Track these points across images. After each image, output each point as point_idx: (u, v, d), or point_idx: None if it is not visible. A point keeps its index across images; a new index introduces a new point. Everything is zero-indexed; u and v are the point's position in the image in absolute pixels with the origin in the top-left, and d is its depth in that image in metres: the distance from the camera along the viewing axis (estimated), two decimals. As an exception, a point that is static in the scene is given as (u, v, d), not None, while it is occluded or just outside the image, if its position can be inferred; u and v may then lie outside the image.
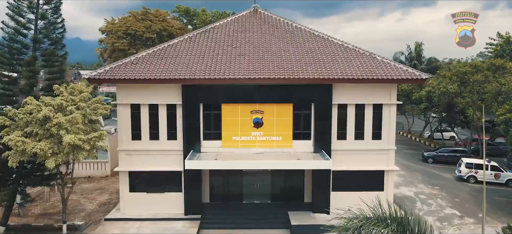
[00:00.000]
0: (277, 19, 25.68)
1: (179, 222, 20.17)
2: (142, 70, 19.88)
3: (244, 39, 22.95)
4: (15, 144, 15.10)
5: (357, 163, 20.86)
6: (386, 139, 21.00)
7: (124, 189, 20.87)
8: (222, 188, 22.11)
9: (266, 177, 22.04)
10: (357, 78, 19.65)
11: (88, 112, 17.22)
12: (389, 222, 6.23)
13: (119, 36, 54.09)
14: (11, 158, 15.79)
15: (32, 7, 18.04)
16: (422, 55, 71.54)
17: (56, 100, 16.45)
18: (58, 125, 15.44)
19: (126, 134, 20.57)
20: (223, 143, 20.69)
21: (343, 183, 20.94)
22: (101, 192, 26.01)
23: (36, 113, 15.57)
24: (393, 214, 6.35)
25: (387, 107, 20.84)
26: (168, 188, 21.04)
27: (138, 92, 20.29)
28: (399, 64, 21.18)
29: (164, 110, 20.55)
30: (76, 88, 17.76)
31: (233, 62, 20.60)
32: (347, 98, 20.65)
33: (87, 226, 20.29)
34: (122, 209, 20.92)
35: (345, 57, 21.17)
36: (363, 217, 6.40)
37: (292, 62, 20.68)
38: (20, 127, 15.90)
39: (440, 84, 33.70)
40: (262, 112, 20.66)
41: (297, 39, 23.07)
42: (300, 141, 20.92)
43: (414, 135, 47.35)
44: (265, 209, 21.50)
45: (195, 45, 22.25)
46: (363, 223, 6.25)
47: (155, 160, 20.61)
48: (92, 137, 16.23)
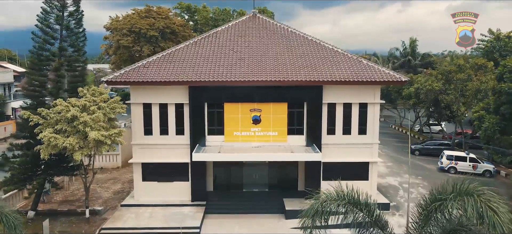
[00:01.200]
0: (274, 24, 28.10)
1: (187, 207, 22.80)
2: (153, 73, 22.35)
3: (244, 43, 25.37)
4: (48, 139, 17.63)
5: (344, 155, 23.42)
6: (370, 134, 23.55)
7: (137, 178, 23.47)
8: (224, 178, 24.73)
9: (263, 168, 24.64)
10: (345, 80, 22.15)
11: (107, 112, 19.72)
12: (345, 200, 8.68)
13: (124, 34, 56.01)
14: (43, 151, 18.34)
15: (58, 19, 20.46)
16: (416, 50, 73.61)
17: (81, 101, 18.96)
18: (84, 123, 17.97)
19: (139, 129, 23.10)
20: (225, 137, 23.24)
21: (332, 173, 23.27)
22: (114, 182, 28.61)
23: (65, 113, 18.08)
24: (351, 196, 8.81)
25: (372, 106, 23.37)
26: (177, 177, 23.61)
27: (150, 93, 22.77)
28: (382, 68, 23.62)
29: (173, 109, 23.06)
30: (97, 90, 20.25)
31: (234, 65, 23.07)
32: (336, 97, 23.15)
33: (106, 211, 22.93)
34: (136, 196, 23.54)
35: (334, 61, 23.64)
36: (326, 196, 8.88)
37: (287, 66, 23.15)
38: (51, 125, 18.41)
39: (427, 82, 36.16)
40: (260, 110, 23.18)
41: (292, 43, 25.51)
42: (294, 135, 23.47)
43: (405, 129, 49.94)
44: (263, 197, 24.14)
45: (200, 49, 24.69)
46: (326, 200, 8.73)
47: (164, 152, 23.16)
48: (112, 133, 18.79)
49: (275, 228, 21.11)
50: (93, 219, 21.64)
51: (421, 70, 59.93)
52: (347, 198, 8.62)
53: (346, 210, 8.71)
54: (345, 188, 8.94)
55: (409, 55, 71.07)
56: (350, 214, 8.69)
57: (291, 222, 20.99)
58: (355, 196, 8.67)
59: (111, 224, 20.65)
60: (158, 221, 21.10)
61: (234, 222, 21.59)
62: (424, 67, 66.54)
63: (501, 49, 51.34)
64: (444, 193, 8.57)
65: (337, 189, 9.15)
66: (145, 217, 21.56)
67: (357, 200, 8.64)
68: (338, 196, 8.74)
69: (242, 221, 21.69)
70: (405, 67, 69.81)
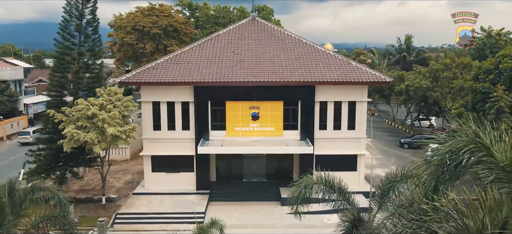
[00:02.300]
0: (271, 27, 30.39)
1: (192, 195, 25.27)
2: (161, 74, 24.69)
3: (244, 46, 27.66)
4: (71, 134, 20.03)
5: (335, 148, 25.81)
6: (358, 129, 25.94)
7: (147, 169, 25.91)
8: (226, 169, 27.19)
9: (262, 160, 27.06)
10: (335, 81, 24.51)
11: (122, 110, 22.10)
12: (323, 182, 11.02)
13: (128, 32, 58.03)
14: (66, 145, 20.75)
15: (78, 27, 22.75)
16: (411, 47, 75.74)
17: (99, 101, 21.34)
18: (102, 120, 20.36)
19: (148, 125, 25.48)
20: (227, 132, 25.64)
21: (324, 164, 25.60)
22: (124, 173, 31.08)
23: (85, 111, 20.46)
24: (328, 180, 11.17)
25: (360, 104, 25.73)
26: (183, 168, 26.04)
27: (158, 92, 25.10)
28: (369, 69, 25.96)
29: (179, 106, 25.42)
30: (112, 90, 22.62)
31: (235, 67, 25.41)
32: (327, 96, 25.50)
33: (119, 199, 25.42)
34: (146, 185, 26.00)
35: (326, 63, 25.96)
36: (307, 180, 11.22)
37: (283, 67, 25.49)
38: (73, 122, 20.79)
39: (415, 80, 38.50)
40: (258, 108, 25.55)
41: (287, 46, 27.80)
42: (289, 130, 25.88)
43: (397, 123, 52.34)
44: (261, 186, 26.61)
45: (204, 52, 26.99)
46: (307, 183, 11.08)
47: (172, 146, 25.55)
48: (127, 128, 21.19)
49: (272, 214, 23.58)
50: (108, 205, 24.11)
51: (416, 66, 62.16)
52: (323, 182, 11.00)
53: (323, 191, 11.10)
54: (323, 175, 11.32)
55: (404, 52, 73.20)
56: (326, 194, 11.08)
57: (286, 208, 23.20)
58: (330, 181, 11.05)
59: (125, 209, 23.14)
60: (166, 207, 23.59)
61: (235, 208, 24.04)
62: (419, 63, 68.75)
63: (492, 46, 53.58)
64: (395, 176, 10.97)
65: (317, 176, 11.55)
66: (155, 204, 24.05)
67: (331, 183, 11.01)
68: (317, 181, 11.13)
69: (242, 207, 24.15)
70: (400, 63, 72.11)
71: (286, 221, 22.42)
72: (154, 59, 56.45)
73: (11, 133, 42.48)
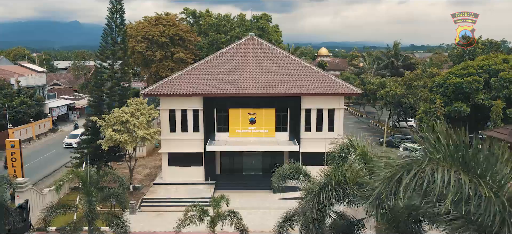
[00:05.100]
0: (266, 45, 36.26)
1: (201, 185, 31.14)
2: (176, 87, 30.57)
3: (243, 63, 33.51)
4: (110, 136, 25.90)
5: (317, 147, 31.50)
6: (336, 130, 31.78)
7: (165, 164, 31.79)
8: (229, 163, 33.07)
9: (258, 157, 32.93)
10: (317, 92, 30.41)
11: (147, 117, 27.99)
12: (298, 170, 16.81)
13: (138, 40, 63.66)
14: (104, 144, 26.63)
15: (111, 53, 28.65)
16: (399, 53, 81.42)
17: (129, 109, 27.22)
18: (133, 125, 26.25)
19: (166, 128, 31.34)
20: (229, 134, 31.52)
21: (308, 160, 31.73)
22: (143, 167, 36.96)
23: (120, 118, 26.33)
24: (301, 168, 16.92)
25: (338, 110, 31.58)
26: (193, 163, 31.86)
27: (174, 101, 30.94)
28: (344, 83, 31.86)
29: (191, 113, 31.28)
30: (139, 101, 28.50)
31: (236, 81, 31.29)
32: (311, 104, 31.34)
33: (142, 187, 31.34)
34: (164, 177, 31.90)
35: (310, 77, 31.83)
36: (284, 166, 16.99)
37: (275, 81, 31.38)
38: (110, 126, 26.66)
39: (392, 87, 44.38)
40: (255, 114, 31.44)
41: (279, 62, 33.65)
42: (280, 132, 31.78)
43: (381, 124, 58.23)
44: (257, 178, 32.46)
45: (210, 67, 32.82)
46: (284, 168, 16.87)
47: (185, 145, 31.40)
48: (153, 132, 27.09)
49: (266, 199, 29.46)
50: (135, 193, 30.00)
51: (403, 71, 67.85)
52: (294, 168, 16.80)
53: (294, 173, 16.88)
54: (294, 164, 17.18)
55: (392, 57, 78.90)
56: (296, 175, 16.84)
57: (277, 195, 29.19)
58: (298, 167, 16.85)
59: (149, 195, 29.08)
60: (181, 193, 29.50)
61: (237, 195, 29.74)
62: (406, 68, 74.54)
63: (470, 53, 59.38)
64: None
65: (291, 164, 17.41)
66: (172, 191, 29.97)
67: (298, 168, 16.82)
68: (290, 168, 16.94)
69: (243, 194, 29.96)
70: (389, 67, 77.92)
71: (276, 205, 28.28)
72: (162, 65, 62.54)
73: (39, 133, 48.43)
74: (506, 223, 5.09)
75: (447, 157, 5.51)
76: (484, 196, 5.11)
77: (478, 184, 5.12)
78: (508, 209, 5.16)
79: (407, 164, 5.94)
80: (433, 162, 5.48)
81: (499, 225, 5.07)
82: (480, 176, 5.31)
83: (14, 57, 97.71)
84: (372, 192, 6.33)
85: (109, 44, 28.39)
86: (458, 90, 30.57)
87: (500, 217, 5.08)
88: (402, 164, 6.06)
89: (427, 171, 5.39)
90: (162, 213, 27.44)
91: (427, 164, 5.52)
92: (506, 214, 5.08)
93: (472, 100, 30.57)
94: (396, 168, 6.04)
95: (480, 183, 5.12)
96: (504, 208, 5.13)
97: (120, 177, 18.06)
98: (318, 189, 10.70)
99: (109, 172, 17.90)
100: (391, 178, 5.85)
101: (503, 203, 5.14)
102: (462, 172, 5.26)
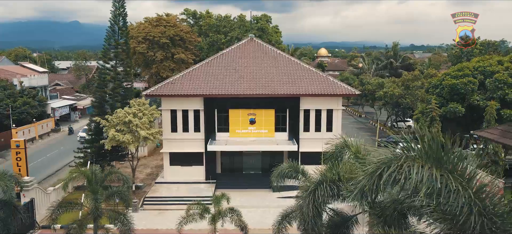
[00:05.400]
0: (266, 46, 36.86)
1: (202, 184, 31.79)
2: (178, 88, 31.18)
3: (243, 64, 34.13)
4: (113, 136, 26.51)
5: (316, 147, 32.20)
6: (335, 130, 32.39)
7: (166, 163, 32.42)
8: (229, 163, 33.68)
9: (257, 156, 33.54)
10: (316, 93, 31.03)
11: (149, 117, 28.61)
12: (296, 169, 17.40)
13: (139, 41, 64.27)
14: (107, 144, 27.25)
15: (114, 55, 29.32)
16: (398, 53, 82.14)
17: (132, 110, 27.84)
18: (136, 125, 26.87)
19: (167, 128, 31.95)
20: (230, 134, 32.15)
21: (307, 159, 32.37)
22: (144, 167, 37.58)
23: (123, 118, 26.96)
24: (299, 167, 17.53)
25: (336, 111, 32.21)
26: (194, 163, 32.50)
27: (175, 102, 31.55)
28: (342, 84, 32.47)
29: (192, 113, 31.90)
30: (141, 102, 29.11)
31: (236, 82, 31.91)
32: (310, 105, 31.97)
33: (145, 186, 31.96)
34: (165, 176, 32.52)
35: (309, 78, 32.44)
36: (282, 165, 17.60)
37: (274, 82, 32.00)
38: (113, 126, 27.28)
39: (390, 88, 45.00)
40: (255, 114, 32.06)
41: (278, 63, 34.27)
42: (279, 132, 32.39)
43: (380, 124, 58.83)
44: (257, 177, 33.08)
45: (211, 69, 33.44)
46: (283, 167, 17.49)
47: (186, 145, 32.03)
48: (154, 132, 27.70)
49: (265, 197, 30.10)
50: (137, 191, 30.62)
51: (401, 72, 68.49)
52: (292, 167, 17.42)
53: (292, 172, 17.49)
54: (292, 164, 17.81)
55: (391, 58, 79.59)
56: (294, 173, 17.46)
57: (276, 194, 29.94)
58: (296, 166, 17.49)
59: (151, 194, 29.71)
60: (183, 192, 30.12)
61: (237, 194, 30.30)
62: (404, 68, 75.20)
63: (468, 54, 60.00)
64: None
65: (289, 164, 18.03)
66: (173, 190, 30.59)
67: (296, 167, 17.46)
68: (289, 166, 17.57)
69: (243, 193, 30.56)
70: (388, 68, 78.59)
71: (276, 203, 28.85)
72: (163, 66, 63.17)
73: (42, 133, 49.06)
74: (473, 213, 5.75)
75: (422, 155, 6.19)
76: (452, 189, 5.77)
77: (448, 179, 5.81)
78: (474, 200, 5.83)
79: (387, 161, 6.62)
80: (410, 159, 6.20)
81: (466, 215, 5.74)
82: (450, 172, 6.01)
83: (15, 58, 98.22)
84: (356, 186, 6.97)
85: (112, 46, 29.03)
86: (454, 91, 31.22)
87: (468, 207, 5.77)
88: (383, 161, 6.73)
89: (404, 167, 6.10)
90: (164, 211, 28.05)
91: (404, 161, 6.24)
92: (472, 204, 5.74)
93: (467, 101, 31.22)
94: (377, 164, 6.71)
95: (449, 178, 5.80)
96: (470, 200, 5.80)
97: (124, 175, 18.69)
98: (313, 186, 11.32)
99: (114, 170, 18.53)
100: (373, 173, 6.53)
101: (470, 195, 5.82)
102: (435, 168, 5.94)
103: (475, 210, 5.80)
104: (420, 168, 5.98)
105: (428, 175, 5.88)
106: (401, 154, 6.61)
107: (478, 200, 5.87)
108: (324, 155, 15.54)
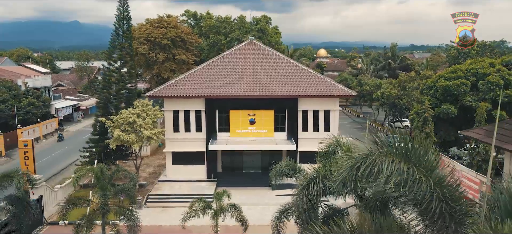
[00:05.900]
0: (265, 48, 37.90)
1: (204, 182, 32.82)
2: (180, 89, 32.21)
3: (243, 66, 35.15)
4: (117, 136, 27.53)
5: (314, 146, 32.97)
6: (332, 130, 33.38)
7: (169, 162, 33.44)
8: (230, 162, 34.71)
9: (257, 156, 34.56)
10: (313, 94, 32.05)
11: (152, 117, 29.63)
12: (294, 167, 18.41)
13: (141, 42, 65.16)
14: (112, 143, 28.27)
15: (118, 57, 30.34)
16: (396, 54, 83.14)
17: (136, 110, 28.87)
18: (140, 125, 27.90)
19: (170, 128, 32.97)
20: (230, 134, 33.17)
21: (305, 158, 33.32)
22: (147, 166, 38.60)
23: (127, 118, 27.98)
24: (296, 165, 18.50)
25: (333, 112, 33.23)
26: (196, 162, 33.52)
27: (178, 102, 32.57)
28: (339, 85, 33.48)
29: (194, 114, 32.92)
30: (145, 103, 30.15)
31: (236, 83, 32.93)
32: (308, 106, 32.99)
33: (148, 184, 32.99)
34: (168, 175, 33.55)
35: (307, 80, 33.46)
36: (280, 163, 18.61)
37: (274, 83, 33.02)
38: (117, 126, 28.30)
39: (386, 89, 46.02)
40: (254, 115, 33.09)
41: (277, 65, 35.29)
42: (278, 132, 33.42)
43: (378, 124, 59.89)
44: (257, 176, 34.11)
45: (212, 70, 34.45)
46: (281, 165, 18.49)
47: (188, 144, 33.04)
48: (157, 132, 28.73)
49: (265, 195, 31.13)
50: (141, 189, 31.64)
51: (399, 73, 69.49)
52: (290, 165, 18.43)
53: (290, 170, 18.52)
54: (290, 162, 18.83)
55: (389, 59, 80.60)
56: (291, 171, 18.49)
57: (276, 192, 31.06)
58: (292, 164, 18.49)
59: (154, 192, 30.74)
60: (185, 190, 31.15)
61: (237, 192, 31.28)
62: (402, 69, 76.23)
63: (465, 54, 60.98)
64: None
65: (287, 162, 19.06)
66: (176, 188, 31.62)
67: (294, 165, 18.46)
68: (286, 165, 18.58)
69: (243, 191, 31.53)
70: (386, 69, 79.61)
71: (275, 201, 29.79)
72: (164, 67, 64.17)
73: (46, 133, 50.11)
74: (434, 199, 6.82)
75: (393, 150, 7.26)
76: (417, 179, 6.85)
77: (413, 170, 6.88)
78: (434, 188, 6.91)
79: (364, 156, 7.68)
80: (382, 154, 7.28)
81: (428, 201, 6.82)
82: (416, 164, 7.08)
83: (17, 58, 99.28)
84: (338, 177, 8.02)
85: (116, 49, 30.06)
86: (447, 93, 32.23)
87: (430, 194, 6.84)
88: (360, 156, 7.78)
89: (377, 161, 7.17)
90: (167, 208, 29.08)
91: (377, 156, 7.32)
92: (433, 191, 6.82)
93: (460, 102, 32.23)
94: (356, 158, 7.77)
95: (414, 169, 6.87)
96: (431, 187, 6.88)
97: (131, 173, 19.73)
98: (307, 182, 12.35)
99: (121, 168, 19.58)
100: (352, 167, 7.58)
101: (431, 184, 6.90)
102: (403, 162, 7.02)
103: (435, 196, 6.87)
104: (390, 162, 7.05)
105: (397, 168, 6.95)
106: (375, 150, 7.69)
107: (438, 188, 6.95)
108: (319, 154, 16.52)
